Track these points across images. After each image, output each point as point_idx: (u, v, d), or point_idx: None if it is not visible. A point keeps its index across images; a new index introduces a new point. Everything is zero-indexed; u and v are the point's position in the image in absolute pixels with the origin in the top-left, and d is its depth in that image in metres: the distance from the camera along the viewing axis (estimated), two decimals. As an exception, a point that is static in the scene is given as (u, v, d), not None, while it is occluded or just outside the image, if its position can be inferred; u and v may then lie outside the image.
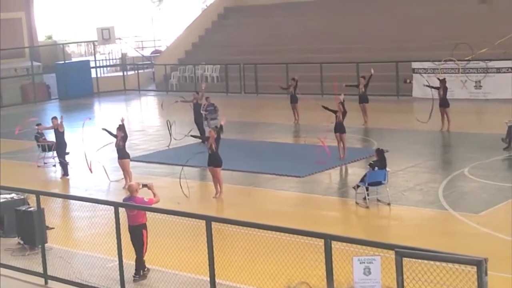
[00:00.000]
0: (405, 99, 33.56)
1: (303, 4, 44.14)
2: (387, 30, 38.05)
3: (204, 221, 11.72)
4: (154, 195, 14.26)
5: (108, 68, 49.94)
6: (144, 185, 14.39)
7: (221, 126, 19.78)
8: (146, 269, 13.76)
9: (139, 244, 13.62)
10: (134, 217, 13.62)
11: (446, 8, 37.39)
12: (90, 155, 22.54)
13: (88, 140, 25.06)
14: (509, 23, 33.00)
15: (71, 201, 18.53)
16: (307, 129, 27.25)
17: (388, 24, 38.51)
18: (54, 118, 23.45)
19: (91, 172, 21.50)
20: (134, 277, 13.60)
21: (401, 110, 31.84)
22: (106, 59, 50.48)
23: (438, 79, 27.27)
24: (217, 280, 11.70)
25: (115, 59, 50.28)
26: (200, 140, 23.89)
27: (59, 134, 22.94)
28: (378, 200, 17.78)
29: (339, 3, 42.46)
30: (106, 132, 21.54)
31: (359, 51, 37.36)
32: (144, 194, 14.44)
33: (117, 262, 12.91)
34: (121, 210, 13.56)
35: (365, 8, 40.95)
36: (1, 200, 16.59)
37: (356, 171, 20.63)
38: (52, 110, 39.41)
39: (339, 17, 41.33)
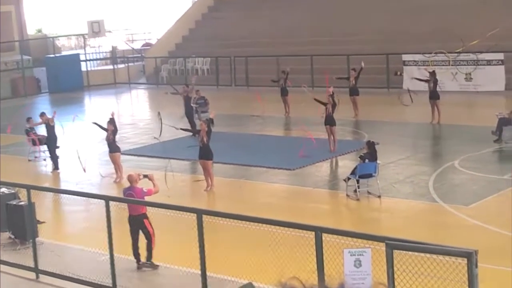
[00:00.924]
0: (395, 91, 33.55)
1: (293, -4, 44.09)
2: (378, 23, 38.05)
3: (195, 214, 11.73)
4: (154, 185, 14.30)
5: (98, 61, 49.77)
6: (145, 176, 14.43)
7: (211, 119, 19.78)
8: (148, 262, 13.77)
9: (144, 233, 13.63)
10: (135, 207, 13.66)
11: (437, 0, 37.40)
12: (81, 152, 22.39)
13: (79, 136, 25.00)
14: (500, 15, 33.07)
15: (62, 195, 18.50)
16: (298, 122, 27.26)
17: (379, 17, 38.50)
18: (42, 114, 23.40)
19: (85, 171, 21.36)
20: (144, 263, 13.64)
21: (392, 103, 31.82)
22: (96, 52, 50.32)
23: (428, 71, 27.32)
24: (208, 273, 11.72)
25: (105, 52, 50.14)
26: (191, 133, 23.87)
27: (50, 128, 22.89)
28: (369, 193, 17.82)
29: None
30: (97, 126, 21.51)
31: (350, 43, 37.34)
32: (143, 185, 14.45)
33: (108, 255, 12.90)
34: (113, 203, 13.55)
35: (356, 0, 40.91)
36: (-8, 194, 16.55)
37: (346, 164, 20.66)
38: (42, 103, 39.34)
39: (330, 9, 41.29)
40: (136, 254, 13.79)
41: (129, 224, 13.72)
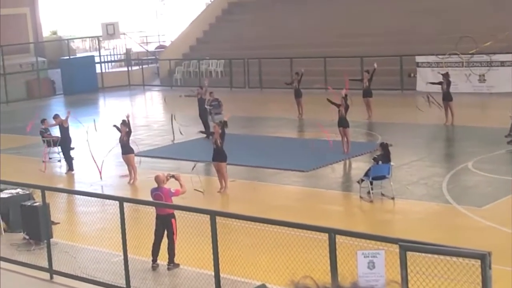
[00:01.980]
0: (409, 93, 33.54)
1: (307, -2, 44.11)
2: (391, 24, 38.01)
3: (209, 216, 11.76)
4: (181, 186, 14.37)
5: (113, 64, 49.96)
6: (171, 176, 14.49)
7: (225, 121, 19.80)
8: (172, 264, 13.82)
9: (169, 233, 13.70)
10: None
11: (450, 1, 37.32)
12: (96, 156, 22.44)
13: (94, 138, 25.06)
14: (513, 16, 32.96)
15: (76, 196, 18.60)
16: (311, 124, 27.27)
17: (392, 18, 38.46)
18: (56, 115, 23.53)
19: (101, 177, 21.40)
20: (168, 265, 13.71)
21: (405, 104, 31.81)
22: (110, 54, 50.51)
23: (441, 73, 27.29)
24: (221, 275, 11.76)
25: (120, 54, 50.32)
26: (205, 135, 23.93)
27: (64, 130, 23.01)
28: (382, 194, 17.80)
29: (343, -3, 42.42)
30: (116, 129, 21.51)
31: (363, 45, 37.31)
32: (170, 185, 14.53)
33: (122, 256, 12.96)
34: (127, 205, 13.61)
35: (369, 1, 40.88)
36: (7, 195, 16.66)
37: (360, 165, 20.64)
38: (57, 105, 39.51)
39: (343, 11, 41.29)
40: (155, 254, 13.83)
41: (156, 223, 13.78)
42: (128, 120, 21.20)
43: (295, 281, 2.71)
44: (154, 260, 13.87)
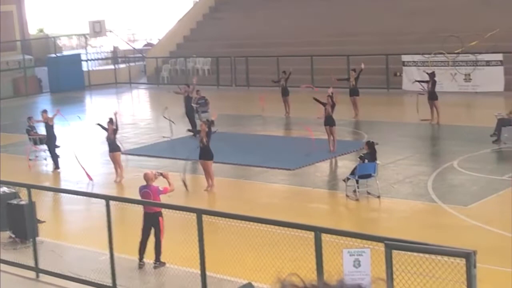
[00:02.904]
0: (395, 92, 33.65)
1: (294, -3, 44.15)
2: (378, 23, 38.10)
3: (195, 214, 11.78)
4: (169, 184, 14.38)
5: (100, 61, 49.84)
6: (160, 174, 14.50)
7: (212, 121, 19.79)
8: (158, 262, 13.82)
9: (156, 231, 13.70)
10: None
11: (436, 1, 37.45)
12: (80, 157, 22.36)
13: (79, 136, 25.03)
14: (499, 16, 33.12)
15: (62, 194, 18.55)
16: (298, 122, 27.32)
17: (379, 17, 38.55)
18: (44, 111, 23.46)
19: (91, 179, 21.28)
20: (154, 263, 13.71)
21: (391, 103, 31.94)
22: (97, 52, 50.37)
23: (427, 72, 27.39)
24: (207, 273, 11.77)
25: (107, 52, 50.20)
26: (192, 133, 23.94)
27: (49, 127, 22.94)
28: (368, 193, 17.86)
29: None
30: (100, 127, 21.49)
31: (349, 44, 37.39)
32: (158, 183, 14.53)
33: (108, 255, 12.95)
34: (113, 203, 13.60)
35: (356, 1, 40.97)
36: (-8, 194, 16.59)
37: (346, 164, 20.71)
38: (44, 103, 39.35)
39: (330, 10, 41.34)
40: (142, 252, 13.83)
41: (143, 221, 13.77)
42: (116, 118, 21.14)
43: (281, 279, 2.74)
44: (141, 259, 13.87)
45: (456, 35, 31.49)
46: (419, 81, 27.76)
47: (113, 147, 21.06)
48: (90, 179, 21.06)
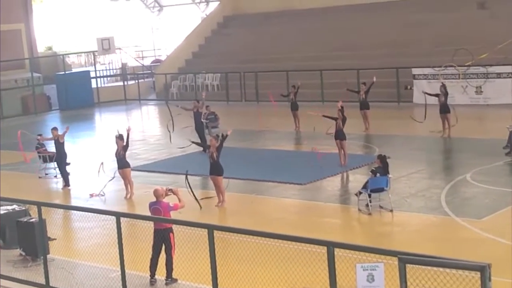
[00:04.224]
0: (406, 105, 33.55)
1: (302, 11, 44.21)
2: (387, 37, 38.09)
3: (207, 230, 11.68)
4: (180, 200, 14.27)
5: (109, 78, 50.00)
6: (170, 190, 14.39)
7: (226, 136, 19.67)
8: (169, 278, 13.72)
9: (167, 247, 13.60)
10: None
11: (446, 14, 37.44)
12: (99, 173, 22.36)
13: (89, 153, 24.98)
14: (509, 28, 33.03)
15: (72, 211, 18.49)
16: (308, 136, 27.23)
17: (388, 31, 38.55)
18: (54, 128, 23.45)
19: (104, 194, 21.29)
20: (166, 280, 13.60)
21: (402, 116, 31.78)
22: (106, 69, 50.55)
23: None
24: (219, 289, 11.66)
25: (115, 69, 50.34)
26: (202, 148, 23.87)
27: (59, 145, 22.91)
28: (381, 207, 17.73)
29: (338, 10, 42.51)
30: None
31: (359, 57, 37.38)
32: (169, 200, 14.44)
33: (119, 272, 12.86)
34: (124, 220, 13.51)
35: (365, 14, 40.98)
36: (3, 212, 16.54)
37: (358, 178, 20.60)
38: (53, 121, 39.45)
39: (339, 23, 41.36)
40: (153, 269, 13.73)
41: (154, 238, 13.67)
42: (128, 134, 21.06)
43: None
44: (152, 275, 13.76)
45: (466, 48, 31.43)
46: (426, 93, 27.69)
47: (123, 164, 21.00)
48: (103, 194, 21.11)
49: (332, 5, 42.93)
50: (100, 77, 48.21)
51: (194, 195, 18.90)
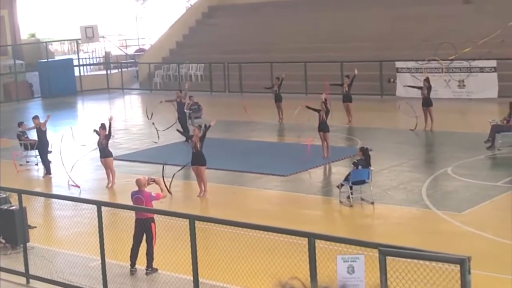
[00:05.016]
0: (389, 98, 33.63)
1: (287, 3, 44.13)
2: (372, 30, 38.12)
3: (188, 220, 11.66)
4: (162, 190, 14.26)
5: (92, 67, 49.75)
6: (152, 180, 14.36)
7: (209, 126, 19.64)
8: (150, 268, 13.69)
9: (148, 237, 13.57)
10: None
11: (430, 8, 37.49)
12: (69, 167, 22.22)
13: (72, 142, 24.83)
14: (493, 23, 33.14)
15: (53, 200, 18.41)
16: (292, 128, 27.24)
17: (373, 24, 38.57)
18: (35, 117, 23.32)
19: (79, 187, 21.15)
20: (146, 270, 13.58)
21: (385, 109, 31.89)
22: (89, 58, 50.28)
23: (417, 79, 27.41)
24: (200, 280, 11.65)
25: (99, 57, 50.09)
26: (184, 138, 23.82)
27: (41, 133, 22.79)
28: (362, 199, 17.78)
29: (324, 2, 42.51)
30: (96, 134, 21.27)
31: (343, 50, 37.38)
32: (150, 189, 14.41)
33: (100, 261, 12.82)
34: (105, 209, 13.47)
35: (350, 7, 40.99)
36: (-17, 199, 16.44)
37: (340, 170, 20.63)
38: (35, 108, 39.23)
39: (324, 16, 41.35)
40: (134, 258, 13.70)
41: (135, 227, 13.64)
42: (110, 123, 20.98)
43: (282, 281, 2.63)
44: (133, 265, 13.73)
45: (450, 42, 31.53)
46: (409, 86, 27.77)
47: (105, 153, 20.92)
48: (78, 187, 20.92)
49: (317, -3, 42.92)
50: (83, 65, 47.97)
51: (164, 182, 18.86)
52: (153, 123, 25.07)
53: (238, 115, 32.01)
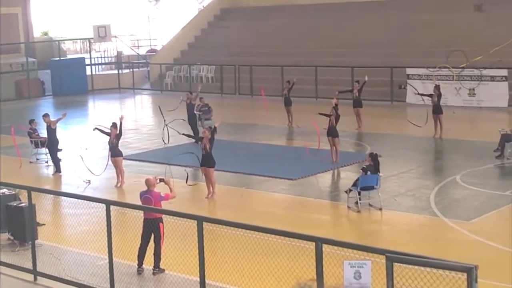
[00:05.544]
0: (399, 104, 33.62)
1: (299, 7, 44.19)
2: (383, 36, 38.12)
3: (196, 221, 11.70)
4: (171, 190, 14.28)
5: (103, 66, 49.89)
6: (161, 180, 14.40)
7: (215, 128, 19.73)
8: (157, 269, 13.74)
9: (156, 237, 13.61)
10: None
11: (442, 15, 37.49)
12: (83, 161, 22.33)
13: (81, 140, 24.93)
14: (505, 31, 33.12)
15: (62, 197, 18.48)
16: (301, 132, 27.26)
17: (384, 30, 38.58)
18: (45, 115, 23.42)
19: (89, 183, 21.30)
20: (153, 270, 13.63)
21: (395, 116, 31.88)
22: (101, 57, 50.43)
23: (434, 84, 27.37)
24: (207, 281, 11.68)
25: (111, 57, 50.23)
26: (194, 140, 23.86)
27: (51, 131, 22.88)
28: (370, 205, 17.79)
29: (335, 8, 42.52)
30: (99, 131, 21.41)
31: (354, 55, 37.39)
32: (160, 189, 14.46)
33: (107, 260, 12.87)
34: (114, 208, 13.52)
35: (362, 13, 41.02)
36: (-8, 195, 16.52)
37: (348, 175, 20.64)
38: (46, 106, 39.39)
39: (336, 21, 41.36)
40: (141, 258, 13.74)
41: (143, 227, 13.69)
42: (121, 122, 21.05)
43: (301, 283, 2.67)
44: (140, 264, 13.78)
45: (461, 50, 31.50)
46: (421, 94, 27.76)
47: (115, 152, 21.00)
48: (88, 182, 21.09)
49: (331, 2, 42.94)
50: (95, 64, 48.11)
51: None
52: (164, 122, 25.11)
53: (247, 117, 32.07)
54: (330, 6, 42.78)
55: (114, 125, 21.03)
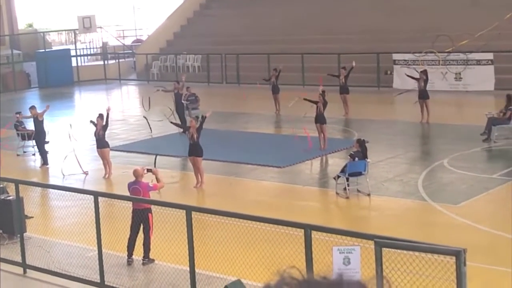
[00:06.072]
0: (385, 90, 33.65)
1: (285, -6, 44.07)
2: (369, 21, 38.08)
3: (185, 211, 11.70)
4: (158, 180, 14.27)
5: (89, 57, 49.69)
6: (149, 170, 14.39)
7: (205, 117, 19.65)
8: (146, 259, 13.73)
9: (145, 227, 13.60)
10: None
11: (427, 0, 37.47)
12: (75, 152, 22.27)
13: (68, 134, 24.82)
14: (490, 15, 33.14)
15: (50, 190, 18.43)
16: (288, 120, 27.26)
17: (370, 16, 38.53)
18: (32, 107, 23.31)
19: (87, 174, 21.26)
20: (143, 260, 13.62)
21: (382, 101, 31.91)
22: (86, 48, 50.20)
23: (417, 71, 27.40)
24: (196, 270, 11.70)
25: (96, 48, 50.02)
26: (181, 129, 23.82)
27: (38, 123, 22.78)
28: (358, 191, 17.83)
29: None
30: (93, 124, 21.27)
31: (340, 42, 37.36)
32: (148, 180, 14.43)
33: (97, 251, 12.86)
34: (102, 199, 13.50)
35: (347, -1, 40.96)
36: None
37: (336, 162, 20.67)
38: (32, 98, 39.21)
39: (322, 7, 41.29)
40: (131, 249, 13.74)
41: (132, 218, 13.68)
42: (108, 114, 20.97)
43: (280, 271, 2.66)
44: (129, 255, 13.77)
45: (447, 34, 31.54)
46: (408, 76, 27.81)
47: (102, 143, 20.93)
48: (85, 173, 21.06)
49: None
50: (80, 55, 47.92)
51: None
52: (144, 117, 25.04)
53: (235, 106, 32.04)
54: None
55: (100, 116, 20.96)
